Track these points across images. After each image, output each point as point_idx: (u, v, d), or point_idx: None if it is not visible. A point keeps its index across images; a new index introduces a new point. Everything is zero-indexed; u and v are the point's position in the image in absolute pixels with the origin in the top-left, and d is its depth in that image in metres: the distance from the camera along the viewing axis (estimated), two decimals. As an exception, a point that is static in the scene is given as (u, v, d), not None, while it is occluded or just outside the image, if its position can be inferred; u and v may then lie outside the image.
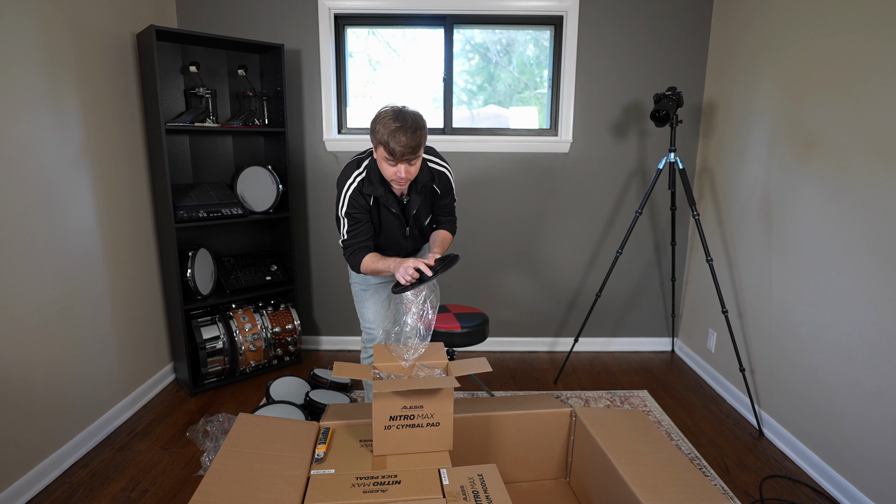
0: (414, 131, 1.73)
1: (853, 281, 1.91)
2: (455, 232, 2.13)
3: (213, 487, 1.29)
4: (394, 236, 2.03)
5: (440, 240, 2.03)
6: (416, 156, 1.78)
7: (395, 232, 2.02)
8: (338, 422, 1.62)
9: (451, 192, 2.06)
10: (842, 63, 1.97)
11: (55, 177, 2.03)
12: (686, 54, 2.97)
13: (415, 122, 1.74)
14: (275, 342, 2.89)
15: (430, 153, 1.99)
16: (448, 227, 2.10)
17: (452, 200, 2.09)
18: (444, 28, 3.00)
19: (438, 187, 2.01)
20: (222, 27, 2.92)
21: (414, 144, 1.73)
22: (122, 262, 2.44)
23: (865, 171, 1.86)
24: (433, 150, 2.02)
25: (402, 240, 2.05)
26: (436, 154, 2.02)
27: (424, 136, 1.78)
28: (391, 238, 2.04)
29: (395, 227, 2.00)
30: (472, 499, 1.27)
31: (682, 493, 1.34)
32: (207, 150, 2.97)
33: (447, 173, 2.02)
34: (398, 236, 2.03)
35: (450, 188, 2.04)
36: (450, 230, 2.10)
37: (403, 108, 1.79)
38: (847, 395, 1.94)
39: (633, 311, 3.29)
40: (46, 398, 1.99)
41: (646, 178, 3.10)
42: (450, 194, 2.06)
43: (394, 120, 1.72)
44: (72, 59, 2.12)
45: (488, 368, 1.55)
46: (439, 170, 2.00)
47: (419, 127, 1.75)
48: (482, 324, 2.42)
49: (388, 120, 1.73)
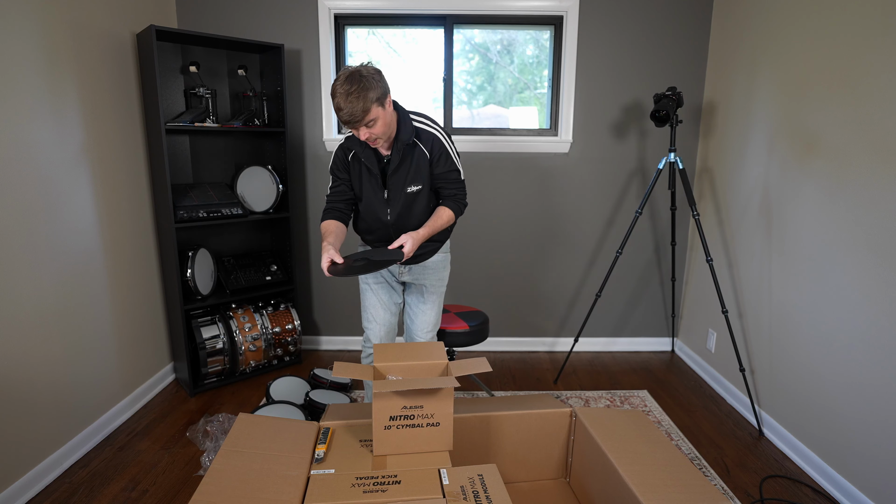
0: (357, 96, 1.62)
1: (853, 281, 1.91)
2: (460, 211, 1.93)
3: (213, 487, 1.29)
4: (372, 204, 1.90)
5: (432, 218, 1.87)
6: (365, 120, 1.67)
7: (372, 199, 1.89)
8: (338, 422, 1.62)
9: (447, 158, 1.85)
10: (842, 63, 1.97)
11: (55, 177, 2.03)
12: (686, 54, 2.97)
13: (360, 86, 1.62)
14: (275, 342, 2.89)
15: (419, 115, 1.85)
16: (450, 203, 1.91)
17: (453, 171, 1.87)
18: (444, 28, 3.00)
19: (428, 150, 1.83)
20: (222, 27, 2.92)
21: (356, 110, 1.63)
22: (122, 262, 2.44)
23: (865, 170, 1.86)
24: (426, 115, 1.88)
25: (380, 209, 1.90)
26: (427, 117, 1.86)
27: (370, 100, 1.64)
28: (370, 207, 1.91)
29: (373, 191, 1.88)
30: (472, 499, 1.27)
31: (682, 493, 1.34)
32: (207, 150, 2.97)
33: (439, 136, 1.84)
34: (376, 204, 1.90)
35: (444, 153, 1.85)
36: (451, 207, 1.90)
37: (358, 70, 1.66)
38: (847, 394, 1.94)
39: (633, 311, 3.29)
40: (46, 398, 1.99)
41: (646, 178, 3.10)
42: (446, 161, 1.85)
43: (341, 84, 1.63)
44: (72, 59, 2.12)
45: (488, 368, 1.55)
46: (428, 130, 1.83)
47: (364, 89, 1.62)
48: (482, 323, 2.42)
49: (337, 84, 1.65)
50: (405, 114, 1.83)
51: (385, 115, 1.72)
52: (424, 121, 1.86)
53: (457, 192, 1.92)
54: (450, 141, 1.89)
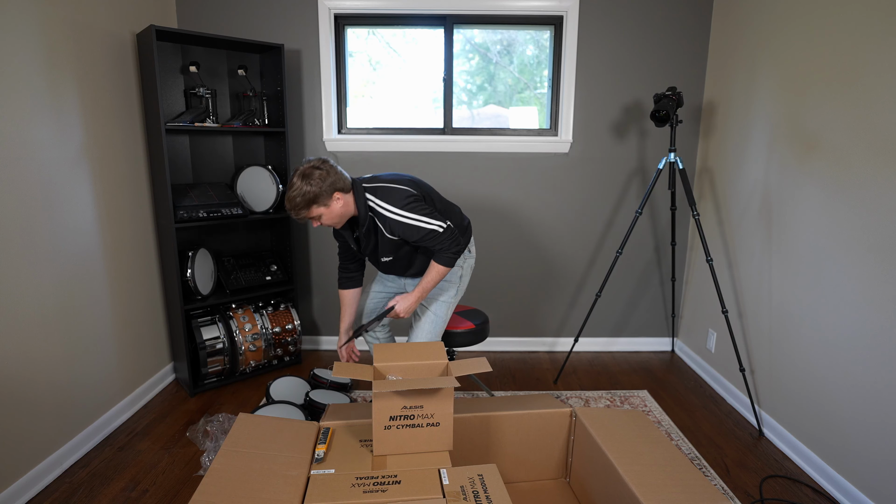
0: (292, 192, 1.83)
1: (853, 280, 1.91)
2: (451, 261, 1.95)
3: (213, 487, 1.29)
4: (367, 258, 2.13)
5: (423, 277, 1.99)
6: (303, 217, 1.87)
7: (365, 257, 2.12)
8: (338, 422, 1.62)
9: (412, 229, 1.88)
10: (842, 62, 1.97)
11: (55, 177, 2.03)
12: (686, 54, 2.97)
13: (296, 184, 1.82)
14: (275, 342, 2.89)
15: (374, 193, 1.91)
16: (439, 257, 1.95)
17: (425, 237, 1.89)
18: (444, 28, 3.00)
19: (387, 230, 1.90)
20: (222, 27, 2.92)
21: (291, 207, 1.85)
22: (122, 262, 2.44)
23: (865, 170, 1.86)
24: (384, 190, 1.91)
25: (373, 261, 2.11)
26: (381, 193, 1.90)
27: (304, 200, 1.82)
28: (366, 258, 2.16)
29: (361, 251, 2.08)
30: (472, 499, 1.27)
31: (682, 493, 1.34)
32: (207, 150, 2.97)
33: (391, 216, 1.87)
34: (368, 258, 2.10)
35: (406, 227, 1.88)
36: (441, 261, 1.95)
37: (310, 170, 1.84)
38: (847, 394, 1.94)
39: (633, 311, 3.29)
40: (46, 398, 1.99)
41: (646, 178, 3.10)
42: (413, 232, 1.88)
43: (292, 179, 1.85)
44: (72, 59, 2.12)
45: (488, 368, 1.56)
46: (380, 211, 1.89)
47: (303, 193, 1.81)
48: (483, 323, 2.42)
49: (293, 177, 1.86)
50: (361, 194, 1.91)
51: (329, 211, 1.88)
52: (378, 203, 1.90)
53: (441, 247, 1.93)
54: (410, 214, 1.88)
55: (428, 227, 1.88)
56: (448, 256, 1.94)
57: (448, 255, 1.94)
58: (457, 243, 1.93)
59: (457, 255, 1.95)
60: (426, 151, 3.06)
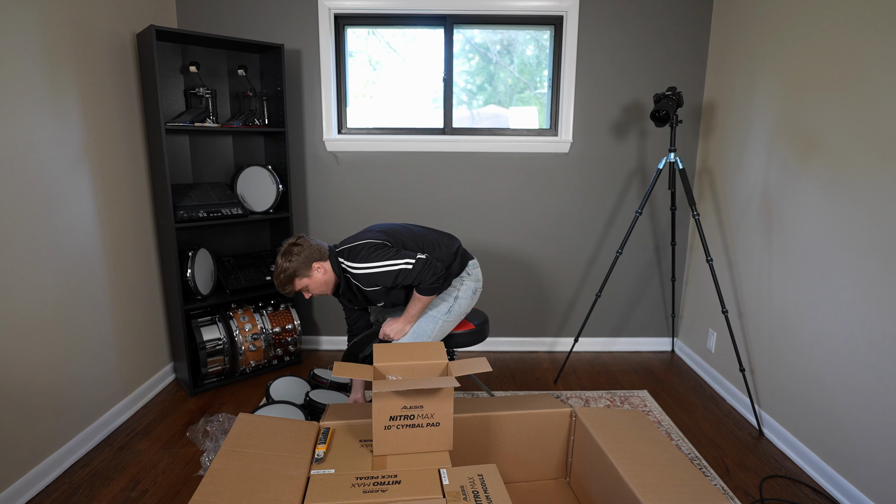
0: (276, 271, 2.03)
1: (853, 280, 1.91)
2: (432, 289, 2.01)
3: (213, 487, 1.29)
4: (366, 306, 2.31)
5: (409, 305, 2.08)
6: (290, 291, 2.06)
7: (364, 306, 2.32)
8: (338, 422, 1.62)
9: (385, 277, 1.97)
10: (842, 62, 1.97)
11: (55, 177, 2.03)
12: (686, 54, 2.97)
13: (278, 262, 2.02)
14: (275, 342, 2.89)
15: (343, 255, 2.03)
16: (420, 289, 2.02)
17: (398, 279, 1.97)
18: (444, 28, 3.00)
19: (362, 283, 2.02)
20: (222, 27, 2.92)
21: (278, 284, 2.04)
22: (122, 262, 2.44)
23: (865, 170, 1.86)
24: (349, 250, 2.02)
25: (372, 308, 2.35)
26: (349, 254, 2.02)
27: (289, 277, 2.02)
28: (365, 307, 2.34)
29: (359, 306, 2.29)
30: (472, 499, 1.27)
31: (682, 493, 1.34)
32: (207, 150, 2.97)
33: (362, 272, 1.98)
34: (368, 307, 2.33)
35: (380, 279, 1.97)
36: (422, 292, 2.03)
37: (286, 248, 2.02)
38: (847, 394, 1.94)
39: (633, 311, 3.29)
40: (46, 398, 1.99)
41: (646, 178, 3.10)
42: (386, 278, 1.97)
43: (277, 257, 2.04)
44: (72, 59, 2.12)
45: (488, 368, 1.56)
46: (350, 271, 2.02)
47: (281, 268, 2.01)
48: (482, 323, 2.42)
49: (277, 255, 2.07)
50: (335, 259, 2.06)
51: (312, 281, 2.05)
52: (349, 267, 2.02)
53: (417, 282, 1.99)
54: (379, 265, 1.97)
55: (395, 268, 1.95)
56: (427, 287, 2.00)
57: (427, 287, 2.00)
58: (433, 273, 1.97)
59: (436, 283, 1.99)
60: (426, 151, 3.06)
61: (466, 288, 2.18)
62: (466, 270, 2.20)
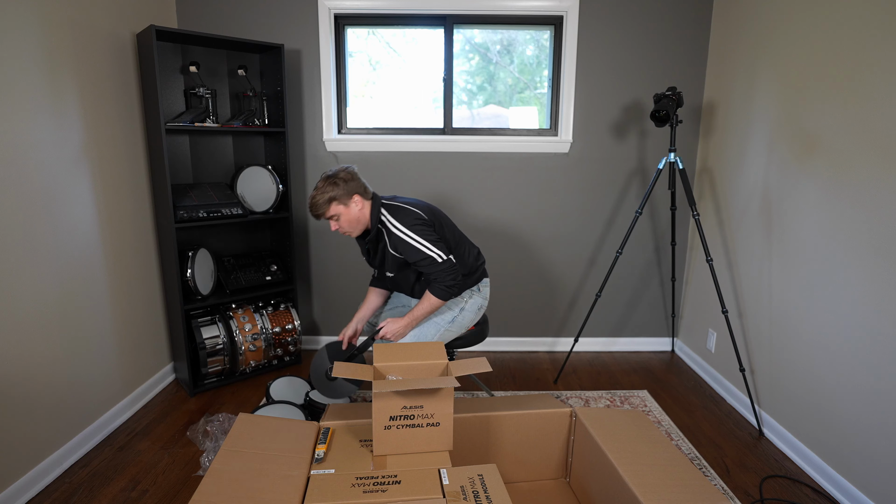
0: (315, 191, 1.98)
1: (853, 281, 1.91)
2: (446, 294, 1.99)
3: (213, 487, 1.29)
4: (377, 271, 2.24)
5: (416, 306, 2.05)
6: (318, 214, 1.99)
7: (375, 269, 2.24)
8: (338, 422, 1.62)
9: (413, 251, 1.96)
10: (842, 62, 1.97)
11: (55, 177, 2.03)
12: (686, 54, 2.97)
13: (320, 184, 1.98)
14: (275, 342, 2.89)
15: (388, 209, 2.02)
16: (434, 287, 1.99)
17: (423, 259, 1.96)
18: (444, 28, 3.00)
19: (392, 246, 2.00)
20: (222, 27, 2.92)
21: (312, 205, 1.99)
22: (122, 262, 2.44)
23: (865, 170, 1.86)
24: (397, 208, 2.02)
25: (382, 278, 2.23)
26: (394, 210, 2.01)
27: (325, 198, 1.96)
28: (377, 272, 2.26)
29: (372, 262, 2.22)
30: (472, 499, 1.27)
31: (682, 493, 1.34)
32: (207, 150, 2.97)
33: (397, 233, 1.97)
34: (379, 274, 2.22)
35: (407, 248, 1.96)
36: (435, 292, 1.99)
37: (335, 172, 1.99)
38: (847, 394, 1.94)
39: (633, 311, 3.29)
40: (46, 398, 1.99)
41: (646, 178, 3.10)
42: (413, 253, 1.96)
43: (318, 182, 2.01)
44: (72, 59, 2.12)
45: (488, 368, 1.56)
46: (387, 225, 2.00)
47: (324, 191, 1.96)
48: (482, 323, 2.42)
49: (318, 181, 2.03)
50: (377, 208, 2.03)
51: (348, 212, 2.00)
52: (389, 218, 2.01)
53: (437, 277, 1.98)
54: (414, 235, 1.97)
55: (427, 252, 1.96)
56: (441, 288, 1.99)
57: (442, 287, 1.98)
58: (454, 278, 1.98)
59: (451, 288, 1.99)
60: (426, 151, 3.06)
61: (474, 302, 2.19)
62: (479, 286, 2.22)
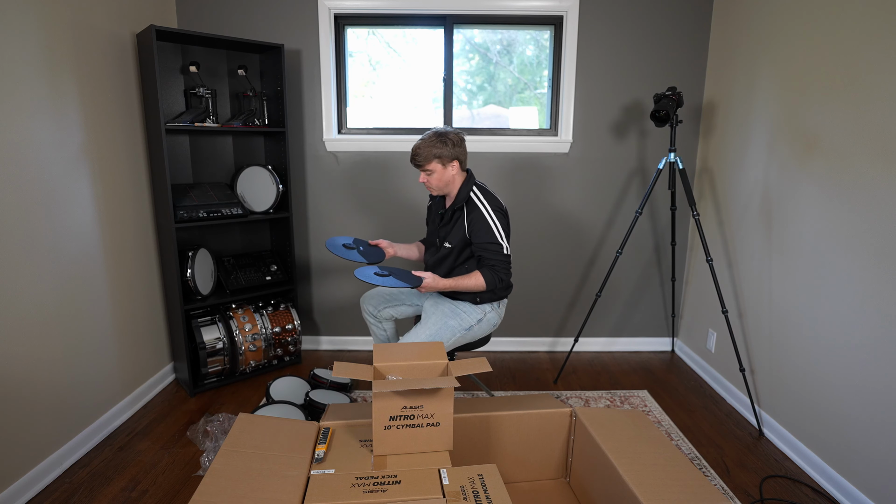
0: (423, 141, 2.07)
1: (853, 281, 1.91)
2: (494, 282, 2.07)
3: (213, 487, 1.29)
4: (431, 237, 2.33)
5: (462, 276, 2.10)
6: (418, 163, 2.08)
7: (429, 236, 2.36)
8: (338, 422, 1.62)
9: (487, 231, 2.05)
10: (842, 63, 1.97)
11: (55, 177, 2.03)
12: (686, 54, 2.97)
13: (433, 141, 2.06)
14: (275, 342, 2.89)
15: (480, 188, 2.14)
16: (485, 271, 2.07)
17: (492, 243, 2.06)
18: (444, 28, 3.00)
19: (468, 220, 2.10)
20: (222, 27, 2.92)
21: (418, 153, 2.07)
22: (122, 262, 2.44)
23: (866, 170, 1.86)
24: (490, 193, 2.14)
25: (429, 247, 2.33)
26: (485, 192, 2.13)
27: (432, 153, 2.05)
28: (427, 240, 2.38)
29: (430, 231, 2.34)
30: (472, 499, 1.27)
31: (682, 493, 1.34)
32: (207, 150, 2.97)
33: (482, 210, 2.08)
34: (429, 241, 2.35)
35: (483, 226, 2.06)
36: (485, 275, 2.06)
37: (445, 131, 2.09)
38: (847, 394, 1.94)
39: (633, 311, 3.29)
40: (46, 398, 1.99)
41: (646, 178, 3.10)
42: (485, 233, 2.05)
43: (426, 134, 2.10)
44: (72, 59, 2.12)
45: (488, 368, 1.56)
46: (475, 201, 2.11)
47: (433, 145, 2.05)
48: (483, 325, 2.42)
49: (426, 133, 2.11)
50: (470, 184, 2.14)
51: (443, 172, 2.10)
52: (479, 196, 2.12)
53: (495, 264, 2.08)
54: (496, 220, 2.08)
55: (499, 239, 2.08)
56: (492, 274, 2.07)
57: (492, 274, 2.07)
58: (506, 272, 2.10)
59: (496, 281, 2.07)
60: (426, 151, 3.05)
61: (493, 316, 2.24)
62: (500, 303, 2.26)
